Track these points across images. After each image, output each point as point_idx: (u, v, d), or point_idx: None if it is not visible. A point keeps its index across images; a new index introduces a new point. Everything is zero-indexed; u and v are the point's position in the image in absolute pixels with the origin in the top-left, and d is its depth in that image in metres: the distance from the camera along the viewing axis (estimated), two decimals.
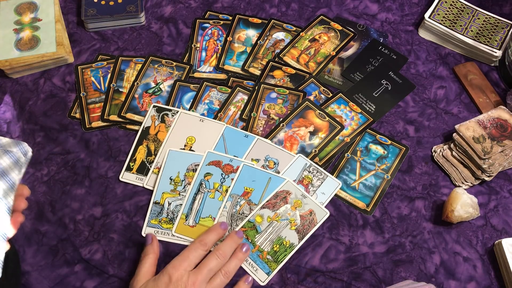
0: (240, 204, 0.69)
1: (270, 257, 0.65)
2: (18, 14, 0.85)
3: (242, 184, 0.70)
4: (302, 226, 0.67)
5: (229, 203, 0.69)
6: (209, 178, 0.70)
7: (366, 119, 0.79)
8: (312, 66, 0.84)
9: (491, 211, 0.72)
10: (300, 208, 0.68)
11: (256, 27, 0.89)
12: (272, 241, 0.66)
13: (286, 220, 0.67)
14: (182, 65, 0.83)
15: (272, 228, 0.67)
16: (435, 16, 0.87)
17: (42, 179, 0.72)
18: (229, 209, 0.68)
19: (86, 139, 0.75)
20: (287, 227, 0.67)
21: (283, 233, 0.67)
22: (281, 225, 0.67)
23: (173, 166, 0.72)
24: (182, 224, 0.67)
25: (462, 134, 0.74)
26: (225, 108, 0.79)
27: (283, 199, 0.69)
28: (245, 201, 0.69)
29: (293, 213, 0.68)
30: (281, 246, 0.66)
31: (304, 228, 0.67)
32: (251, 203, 0.69)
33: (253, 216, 0.67)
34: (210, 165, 0.71)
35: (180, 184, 0.70)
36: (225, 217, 0.68)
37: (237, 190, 0.70)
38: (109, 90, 0.80)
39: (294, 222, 0.67)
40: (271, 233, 0.67)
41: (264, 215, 0.68)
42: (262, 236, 0.66)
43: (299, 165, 0.73)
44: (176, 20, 0.89)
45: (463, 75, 0.84)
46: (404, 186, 0.73)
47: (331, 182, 0.72)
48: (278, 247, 0.66)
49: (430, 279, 0.66)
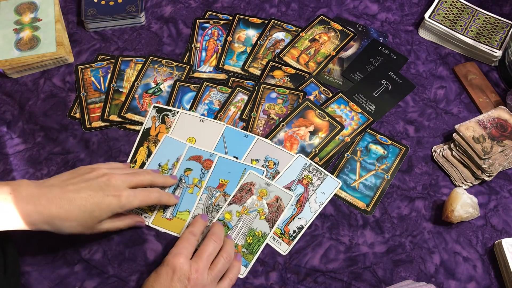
0: (216, 196, 0.70)
1: (246, 250, 0.66)
2: (18, 14, 0.85)
3: (217, 176, 0.71)
4: (271, 214, 0.68)
5: (205, 195, 0.70)
6: (188, 174, 0.71)
7: (366, 119, 0.79)
8: (312, 66, 0.84)
9: (491, 211, 0.72)
10: (266, 197, 0.69)
11: (256, 27, 0.89)
12: (245, 234, 0.67)
13: (254, 212, 0.68)
14: (182, 65, 0.83)
15: (242, 222, 0.68)
16: (435, 16, 0.87)
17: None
18: (205, 201, 0.69)
19: (86, 139, 0.75)
20: (257, 218, 0.68)
21: (254, 224, 0.67)
22: (250, 217, 0.68)
23: (165, 153, 0.73)
24: (159, 217, 0.68)
25: (462, 134, 0.74)
26: (225, 108, 0.79)
27: (248, 191, 0.70)
28: (220, 193, 0.70)
29: (260, 203, 0.69)
30: (254, 237, 0.67)
31: (273, 216, 0.68)
32: (226, 194, 0.70)
33: (222, 214, 0.68)
34: (190, 160, 0.72)
35: (166, 172, 0.71)
36: (200, 209, 0.69)
37: (212, 183, 0.71)
38: (109, 90, 0.80)
39: (263, 212, 0.68)
40: (242, 227, 0.67)
41: (232, 210, 0.68)
42: (234, 231, 0.67)
43: (299, 164, 0.73)
44: (176, 20, 0.89)
45: (463, 75, 0.84)
46: (404, 186, 0.73)
47: (331, 181, 0.72)
48: (251, 239, 0.67)
49: (430, 279, 0.66)
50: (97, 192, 0.57)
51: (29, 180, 0.57)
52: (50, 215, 0.55)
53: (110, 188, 0.58)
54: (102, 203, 0.57)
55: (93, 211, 0.57)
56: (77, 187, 0.57)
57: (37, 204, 0.54)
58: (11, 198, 0.53)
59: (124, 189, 0.60)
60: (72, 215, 0.56)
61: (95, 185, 0.58)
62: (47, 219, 0.55)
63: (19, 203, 0.54)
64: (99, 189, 0.58)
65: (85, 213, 0.56)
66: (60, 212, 0.55)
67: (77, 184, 0.58)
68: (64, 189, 0.57)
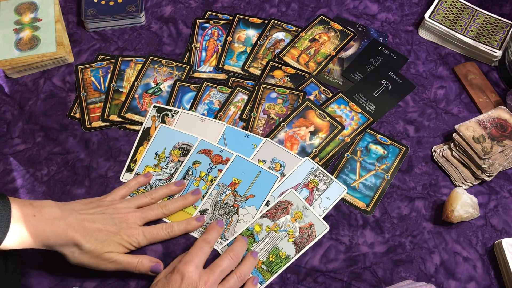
0: (226, 194, 0.69)
1: (265, 267, 0.64)
2: (18, 14, 0.85)
3: (231, 174, 0.71)
4: (300, 239, 0.66)
5: (216, 191, 0.69)
6: (197, 166, 0.71)
7: (366, 119, 0.79)
8: (312, 66, 0.84)
9: (491, 211, 0.72)
10: (300, 220, 0.67)
11: (256, 27, 0.89)
12: (269, 251, 0.65)
13: (284, 232, 0.67)
14: (182, 65, 0.83)
15: (269, 238, 0.66)
16: (435, 16, 0.87)
17: (42, 179, 0.72)
18: (214, 197, 0.69)
19: (86, 139, 0.75)
20: (285, 239, 0.66)
21: (280, 244, 0.66)
22: (279, 236, 0.66)
23: (161, 142, 0.73)
24: None
25: (462, 134, 0.74)
26: (225, 108, 0.79)
27: (284, 210, 0.68)
28: (231, 191, 0.69)
29: (293, 224, 0.67)
30: (277, 257, 0.65)
31: (302, 241, 0.66)
32: (236, 194, 0.69)
33: (252, 224, 0.67)
34: (200, 153, 0.72)
35: (164, 160, 0.72)
36: (209, 204, 0.68)
37: (225, 180, 0.70)
38: (109, 90, 0.80)
39: (293, 234, 0.67)
40: (268, 243, 0.66)
41: (263, 224, 0.67)
42: (259, 245, 0.66)
43: (305, 168, 0.72)
44: (176, 20, 0.89)
45: (463, 75, 0.84)
46: (404, 186, 0.73)
47: (337, 187, 0.72)
48: (273, 258, 0.65)
49: (430, 279, 0.66)
50: (111, 227, 0.60)
51: (52, 201, 0.59)
52: (67, 238, 0.57)
53: (122, 224, 0.61)
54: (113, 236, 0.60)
55: (104, 241, 0.59)
56: (93, 218, 0.60)
57: (56, 227, 0.56)
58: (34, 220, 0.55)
59: (135, 228, 0.62)
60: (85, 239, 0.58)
61: (109, 220, 0.61)
62: (63, 242, 0.57)
63: (40, 224, 0.55)
64: (113, 224, 0.61)
65: (97, 241, 0.59)
66: (75, 236, 0.57)
67: (94, 215, 0.60)
68: (82, 217, 0.59)
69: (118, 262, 0.60)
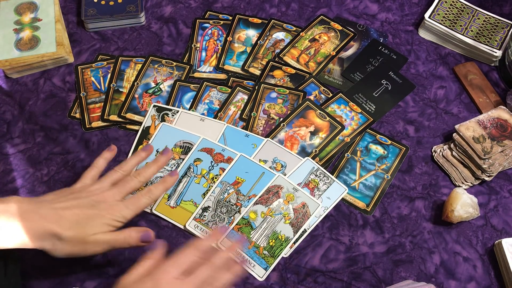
0: (229, 192, 0.69)
1: (267, 252, 0.66)
2: (18, 14, 0.85)
3: (235, 173, 0.71)
4: (296, 219, 0.68)
5: (218, 189, 0.70)
6: (198, 164, 0.71)
7: (366, 119, 0.79)
8: (312, 66, 0.84)
9: (491, 211, 0.72)
10: (292, 202, 0.69)
11: (256, 27, 0.89)
12: (268, 236, 0.67)
13: (279, 215, 0.68)
14: (182, 65, 0.83)
15: (266, 224, 0.67)
16: (435, 16, 0.87)
17: (42, 179, 0.72)
18: (217, 195, 0.69)
19: (86, 139, 0.75)
20: (281, 221, 0.67)
21: (278, 227, 0.67)
22: (275, 220, 0.68)
23: (162, 140, 0.73)
24: (163, 204, 0.69)
25: (462, 134, 0.74)
26: (225, 108, 0.79)
27: (275, 194, 0.69)
28: (233, 190, 0.70)
29: (286, 207, 0.68)
30: (277, 240, 0.66)
31: (298, 221, 0.68)
32: (239, 193, 0.69)
33: (246, 212, 0.68)
34: (202, 151, 0.72)
35: None
36: (211, 201, 0.69)
37: (228, 178, 0.70)
38: (109, 90, 0.80)
39: (288, 216, 0.68)
40: (266, 229, 0.67)
41: (257, 211, 0.68)
42: (257, 232, 0.67)
43: (306, 168, 0.72)
44: (176, 20, 0.89)
45: (463, 75, 0.84)
46: (404, 186, 0.73)
47: (338, 187, 0.72)
48: (274, 242, 0.66)
49: (430, 279, 0.66)
50: (89, 209, 0.56)
51: (19, 197, 0.55)
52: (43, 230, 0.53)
53: (101, 204, 0.57)
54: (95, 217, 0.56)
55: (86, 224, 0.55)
56: (67, 204, 0.56)
57: (29, 221, 0.52)
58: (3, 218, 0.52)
59: (116, 204, 0.58)
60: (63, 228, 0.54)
61: (86, 203, 0.57)
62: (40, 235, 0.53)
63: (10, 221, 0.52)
64: (90, 206, 0.56)
65: (77, 226, 0.55)
66: (51, 226, 0.53)
67: (67, 202, 0.56)
68: (54, 206, 0.55)
69: (105, 241, 0.56)
